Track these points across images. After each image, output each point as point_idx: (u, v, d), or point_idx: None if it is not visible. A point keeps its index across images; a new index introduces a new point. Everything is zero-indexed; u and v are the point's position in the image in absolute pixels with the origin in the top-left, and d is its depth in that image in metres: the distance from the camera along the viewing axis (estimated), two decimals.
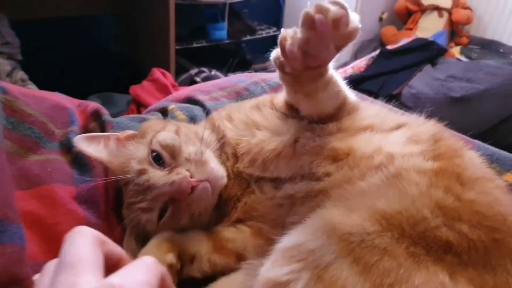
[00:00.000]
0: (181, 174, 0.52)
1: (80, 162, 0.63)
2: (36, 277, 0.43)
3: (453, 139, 0.52)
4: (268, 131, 0.57)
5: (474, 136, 0.71)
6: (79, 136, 0.60)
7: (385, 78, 2.36)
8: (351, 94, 0.57)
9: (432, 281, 0.34)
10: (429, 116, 0.72)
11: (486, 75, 2.12)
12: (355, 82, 2.35)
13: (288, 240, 0.40)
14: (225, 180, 0.56)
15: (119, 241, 0.57)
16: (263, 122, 0.59)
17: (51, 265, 0.33)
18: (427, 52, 2.37)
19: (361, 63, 2.46)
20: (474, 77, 2.14)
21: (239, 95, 0.86)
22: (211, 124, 0.62)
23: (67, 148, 0.66)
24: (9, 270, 0.38)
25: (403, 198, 0.40)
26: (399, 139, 0.50)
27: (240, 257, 0.53)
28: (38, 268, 0.46)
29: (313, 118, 0.55)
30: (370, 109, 0.57)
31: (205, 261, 0.52)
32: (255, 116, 0.60)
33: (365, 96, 0.88)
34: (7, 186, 0.44)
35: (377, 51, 2.47)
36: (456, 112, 2.06)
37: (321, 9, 0.42)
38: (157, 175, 0.53)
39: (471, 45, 2.54)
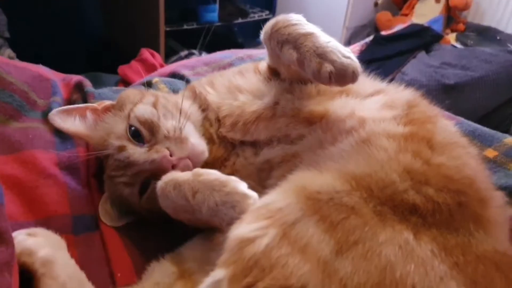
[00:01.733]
0: (161, 152, 0.52)
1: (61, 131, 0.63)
2: (15, 234, 0.44)
3: (429, 107, 0.52)
4: (250, 94, 0.58)
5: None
6: (53, 111, 0.59)
7: (378, 64, 2.35)
8: None
9: (396, 239, 0.35)
10: None
11: (481, 62, 2.12)
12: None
13: (260, 200, 0.41)
14: (206, 154, 0.56)
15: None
16: (245, 86, 0.59)
17: None
18: (422, 39, 2.36)
19: (354, 49, 2.44)
20: (469, 64, 2.14)
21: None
22: (192, 93, 0.62)
23: None
24: None
25: (372, 163, 0.40)
26: (375, 104, 0.50)
27: None
28: (18, 228, 0.47)
29: (293, 80, 0.56)
30: None
31: None
32: (238, 81, 0.60)
33: None
34: None
35: (371, 37, 2.46)
36: (449, 99, 2.06)
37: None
38: (137, 153, 0.53)
39: (468, 32, 2.53)
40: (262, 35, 0.54)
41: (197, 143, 0.55)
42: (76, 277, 0.47)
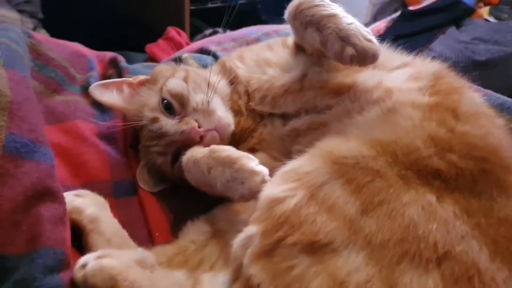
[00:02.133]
0: (190, 124, 0.55)
1: (100, 103, 0.67)
2: (64, 194, 0.49)
3: (455, 78, 0.52)
4: (278, 68, 0.59)
5: None
6: (93, 85, 0.63)
7: (404, 41, 2.28)
8: None
9: (419, 200, 0.37)
10: None
11: None
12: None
13: (288, 164, 0.43)
14: (232, 127, 0.59)
15: None
16: (274, 59, 0.61)
17: None
18: (452, 13, 2.26)
19: (380, 25, 2.37)
20: (502, 39, 2.04)
21: None
22: (221, 67, 0.65)
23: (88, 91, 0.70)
24: (43, 182, 0.43)
25: (397, 130, 0.42)
26: (401, 76, 0.51)
27: None
28: (65, 190, 0.52)
29: (319, 55, 0.57)
30: None
31: None
32: (266, 55, 0.62)
33: None
34: (37, 114, 0.49)
35: (398, 13, 2.38)
36: (479, 76, 1.99)
37: None
38: (168, 124, 0.57)
39: (502, 5, 2.41)
40: (286, 15, 0.55)
41: (224, 116, 0.58)
42: (119, 234, 0.51)
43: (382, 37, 2.07)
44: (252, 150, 0.59)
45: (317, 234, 0.36)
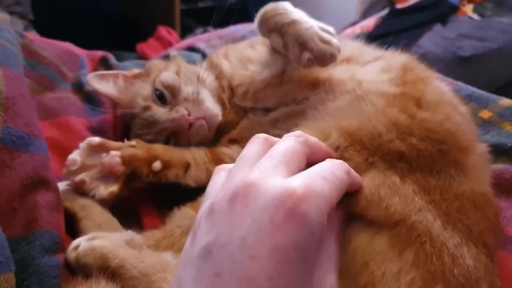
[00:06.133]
0: (180, 112, 0.60)
1: (90, 99, 0.71)
2: (57, 184, 0.52)
3: (423, 70, 0.56)
4: (259, 65, 0.64)
5: None
6: (90, 74, 0.67)
7: (393, 37, 2.33)
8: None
9: (386, 182, 0.40)
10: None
11: (498, 33, 2.08)
12: (363, 42, 2.33)
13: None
14: (219, 117, 0.63)
15: None
16: (255, 57, 0.65)
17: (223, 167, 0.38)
18: (438, 10, 2.31)
19: (369, 23, 2.42)
20: (486, 35, 2.10)
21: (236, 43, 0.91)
22: (209, 63, 0.69)
23: (79, 88, 0.74)
24: (38, 172, 0.47)
25: (361, 116, 0.46)
26: (373, 69, 0.55)
27: None
28: (58, 180, 0.55)
29: None
30: (349, 43, 0.63)
31: (203, 169, 0.60)
32: (248, 53, 0.67)
33: None
34: (31, 110, 0.52)
35: (387, 10, 2.43)
36: (464, 71, 2.04)
37: None
38: (159, 112, 0.61)
39: (485, 3, 2.46)
40: (255, 23, 0.60)
41: (212, 106, 0.63)
42: (109, 220, 0.55)
43: (371, 34, 2.11)
44: (232, 141, 0.63)
45: None
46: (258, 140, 0.37)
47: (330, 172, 0.32)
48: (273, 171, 0.31)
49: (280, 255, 0.27)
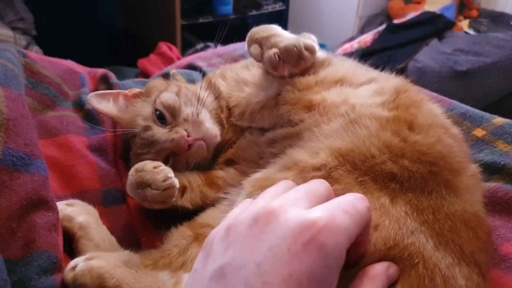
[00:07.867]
0: (180, 133, 0.60)
1: (91, 117, 0.72)
2: (56, 204, 0.52)
3: (416, 92, 0.57)
4: (254, 87, 0.65)
5: (479, 110, 0.73)
6: (91, 94, 0.68)
7: (391, 52, 2.36)
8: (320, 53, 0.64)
9: (373, 204, 0.41)
10: (434, 90, 0.75)
11: (494, 48, 2.10)
12: (361, 57, 2.35)
13: (262, 172, 0.48)
14: (218, 138, 0.64)
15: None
16: (250, 79, 0.67)
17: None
18: (435, 26, 2.35)
19: (367, 38, 2.46)
20: (481, 50, 2.13)
21: (236, 62, 0.93)
22: (208, 83, 0.70)
23: (80, 106, 0.75)
24: (37, 193, 0.47)
25: (355, 138, 0.47)
26: (366, 91, 0.56)
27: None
28: (57, 200, 0.56)
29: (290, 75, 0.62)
30: (342, 63, 0.64)
31: (197, 192, 0.61)
32: (244, 74, 0.68)
33: None
34: (31, 130, 0.53)
35: (384, 25, 2.47)
36: (461, 85, 2.07)
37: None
38: (160, 132, 0.62)
39: (481, 18, 2.51)
40: (245, 44, 0.64)
41: (211, 127, 0.63)
42: (107, 240, 0.55)
43: (368, 49, 2.13)
44: (228, 161, 0.64)
45: None
46: (284, 182, 0.38)
47: (351, 206, 0.32)
48: (295, 202, 0.32)
49: (294, 284, 0.27)
